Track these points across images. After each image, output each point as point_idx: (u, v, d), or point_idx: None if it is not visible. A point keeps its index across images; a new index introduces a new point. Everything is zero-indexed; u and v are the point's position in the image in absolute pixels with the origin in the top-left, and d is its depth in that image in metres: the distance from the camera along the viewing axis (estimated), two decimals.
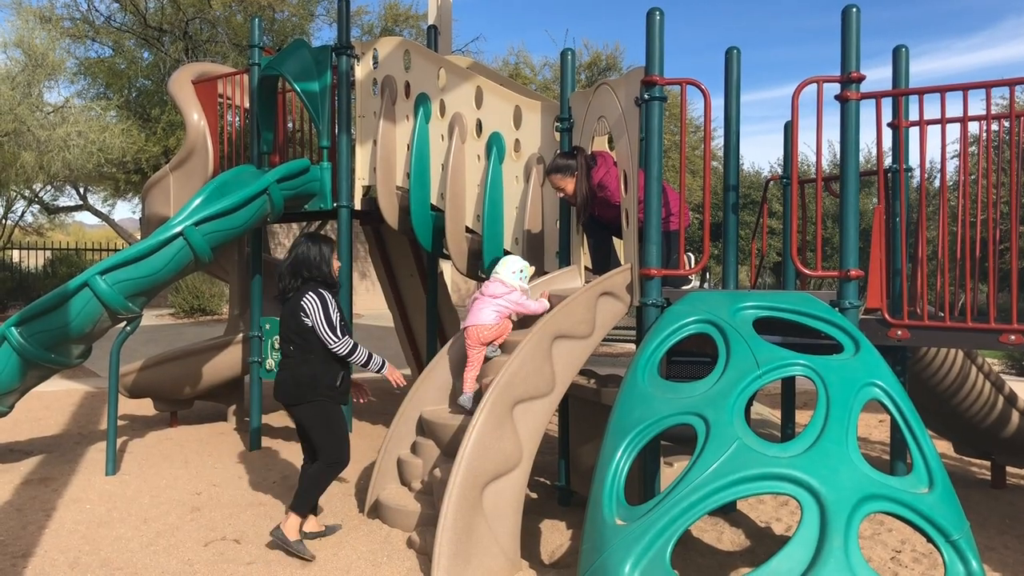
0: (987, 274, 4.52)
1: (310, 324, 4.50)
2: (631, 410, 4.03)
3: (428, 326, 7.61)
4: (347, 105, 6.61)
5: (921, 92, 4.45)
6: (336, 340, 4.50)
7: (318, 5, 18.30)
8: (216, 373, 7.96)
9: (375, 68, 6.70)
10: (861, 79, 4.37)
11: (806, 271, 4.60)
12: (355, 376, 4.91)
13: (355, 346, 4.57)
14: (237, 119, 7.73)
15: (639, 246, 4.65)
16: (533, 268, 5.20)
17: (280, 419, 8.78)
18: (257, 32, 7.13)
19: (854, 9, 4.40)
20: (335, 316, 4.54)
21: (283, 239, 20.11)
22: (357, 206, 6.74)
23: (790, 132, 6.02)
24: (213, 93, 7.67)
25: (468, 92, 6.13)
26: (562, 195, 5.26)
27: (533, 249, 5.76)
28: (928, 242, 6.85)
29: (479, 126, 6.12)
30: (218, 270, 8.81)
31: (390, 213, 6.53)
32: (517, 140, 5.93)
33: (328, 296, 4.58)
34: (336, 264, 4.76)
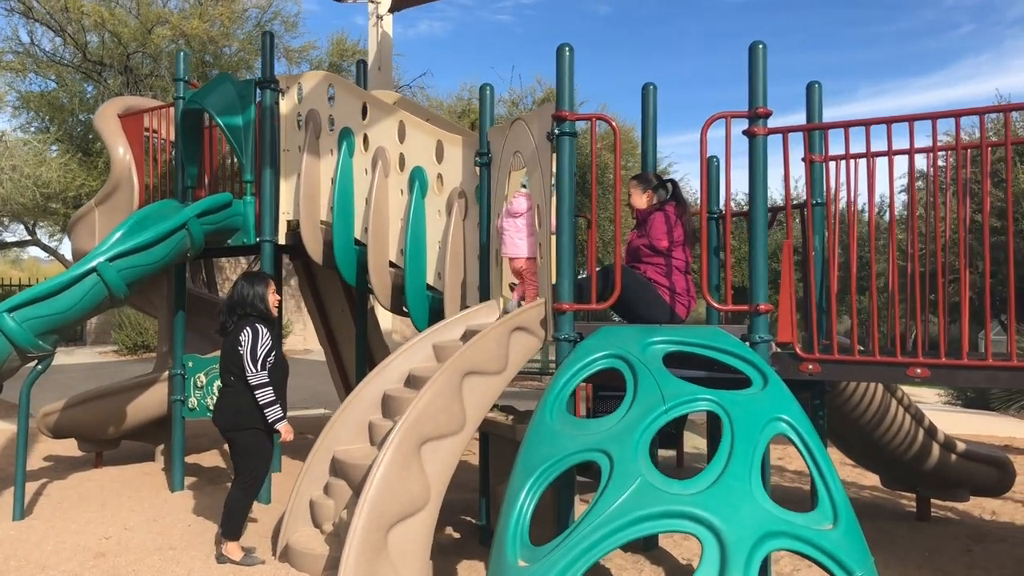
0: (916, 306, 4.56)
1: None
2: (537, 448, 3.98)
3: (358, 361, 7.50)
4: (271, 139, 6.53)
5: (826, 127, 4.50)
6: (253, 372, 4.84)
7: None
8: (142, 412, 7.76)
9: (299, 102, 6.64)
10: (767, 115, 4.41)
11: (716, 305, 4.59)
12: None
13: (266, 385, 4.87)
14: (164, 153, 7.61)
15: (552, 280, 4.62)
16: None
17: (210, 459, 8.58)
18: (181, 65, 7.05)
19: (760, 46, 4.45)
20: (262, 351, 4.87)
21: (230, 274, 19.86)
22: (281, 240, 6.63)
23: (716, 168, 6.06)
24: (139, 127, 7.55)
25: (391, 126, 6.09)
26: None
27: (455, 284, 5.70)
28: (846, 275, 6.93)
29: (402, 160, 6.08)
30: (146, 305, 8.62)
31: (314, 248, 6.44)
32: (439, 174, 5.90)
33: (263, 330, 4.94)
34: (274, 299, 5.20)
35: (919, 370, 4.23)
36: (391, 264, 6.14)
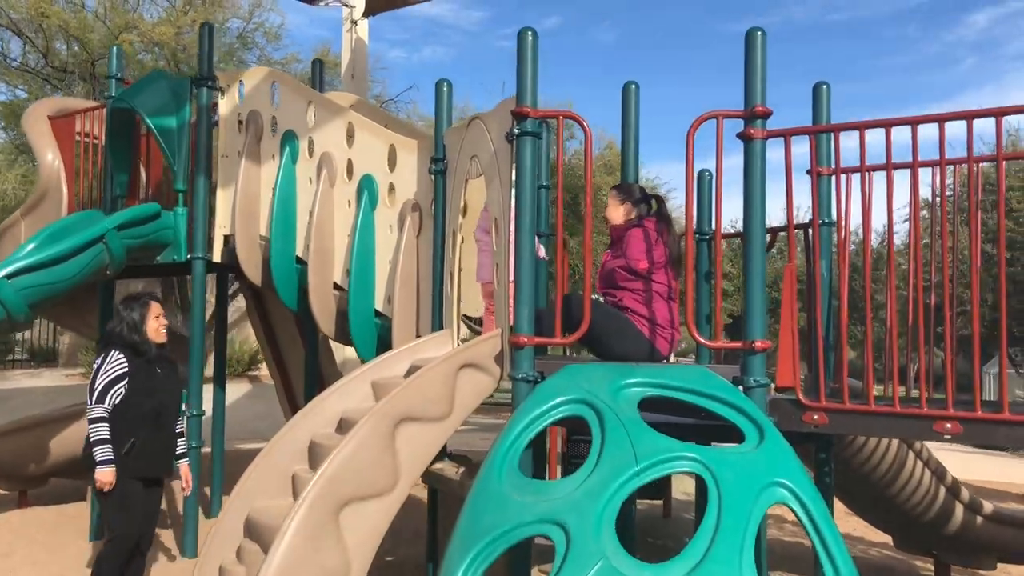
0: (931, 343, 3.80)
1: None
2: (482, 515, 3.21)
3: (306, 395, 6.70)
4: (206, 142, 5.79)
5: (837, 129, 3.76)
6: (90, 403, 4.33)
7: (247, 53, 17.62)
8: (67, 446, 6.95)
9: (241, 102, 5.91)
10: (767, 115, 3.68)
11: (703, 342, 3.82)
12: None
13: (100, 420, 4.31)
14: (98, 158, 6.87)
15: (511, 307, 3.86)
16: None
17: None
18: (115, 61, 6.34)
19: (759, 32, 3.73)
20: (103, 381, 4.33)
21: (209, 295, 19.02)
22: (216, 258, 5.88)
23: (708, 183, 5.33)
24: (71, 130, 6.82)
25: (339, 129, 5.36)
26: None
27: (406, 310, 4.94)
28: (857, 309, 6.20)
29: (350, 167, 5.33)
30: (82, 326, 7.84)
31: (251, 266, 5.68)
32: (391, 184, 5.16)
33: (113, 358, 4.38)
34: (156, 325, 4.50)
35: (949, 425, 3.47)
36: (336, 286, 5.37)
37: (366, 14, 10.37)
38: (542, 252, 4.70)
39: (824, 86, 4.60)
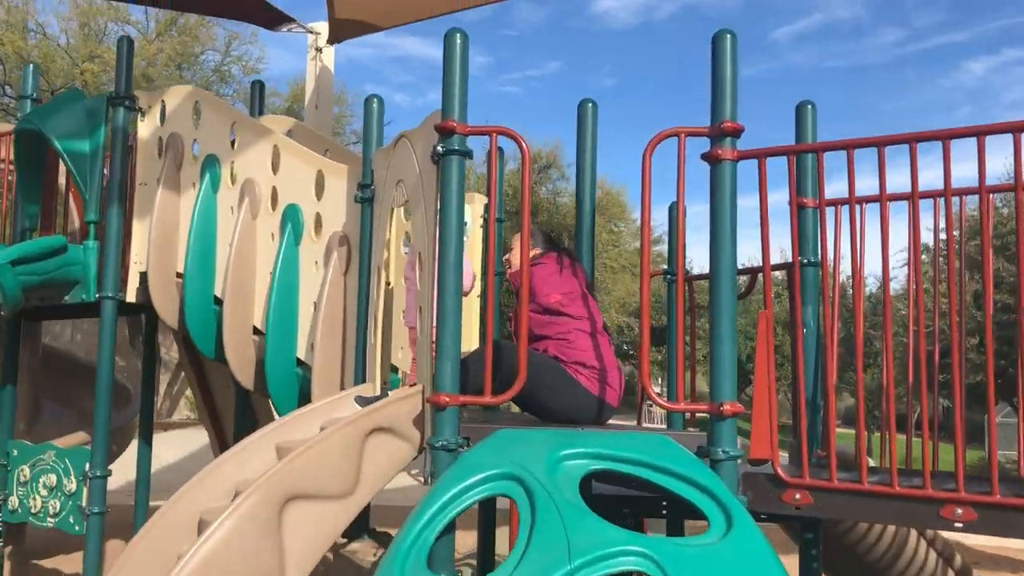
0: (935, 399, 3.16)
1: None
2: None
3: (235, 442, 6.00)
4: (121, 168, 5.16)
5: (821, 149, 3.14)
6: None
7: (224, 86, 17.17)
8: None
9: (162, 124, 5.31)
10: (738, 131, 3.08)
11: (661, 403, 3.17)
12: None
13: None
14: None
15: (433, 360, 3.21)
16: None
17: (62, 563, 7.04)
18: (31, 80, 5.75)
19: (728, 36, 3.14)
20: None
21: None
22: (130, 297, 5.22)
23: (673, 214, 4.73)
24: None
25: (263, 153, 4.75)
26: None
27: (328, 359, 4.29)
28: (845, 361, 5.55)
29: (275, 196, 4.72)
30: None
31: (167, 307, 5.03)
32: (318, 214, 4.54)
33: None
34: None
35: (960, 510, 2.82)
36: (256, 330, 4.73)
37: (331, 41, 9.81)
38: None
39: (809, 106, 4.00)
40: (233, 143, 4.93)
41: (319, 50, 10.09)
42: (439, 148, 3.19)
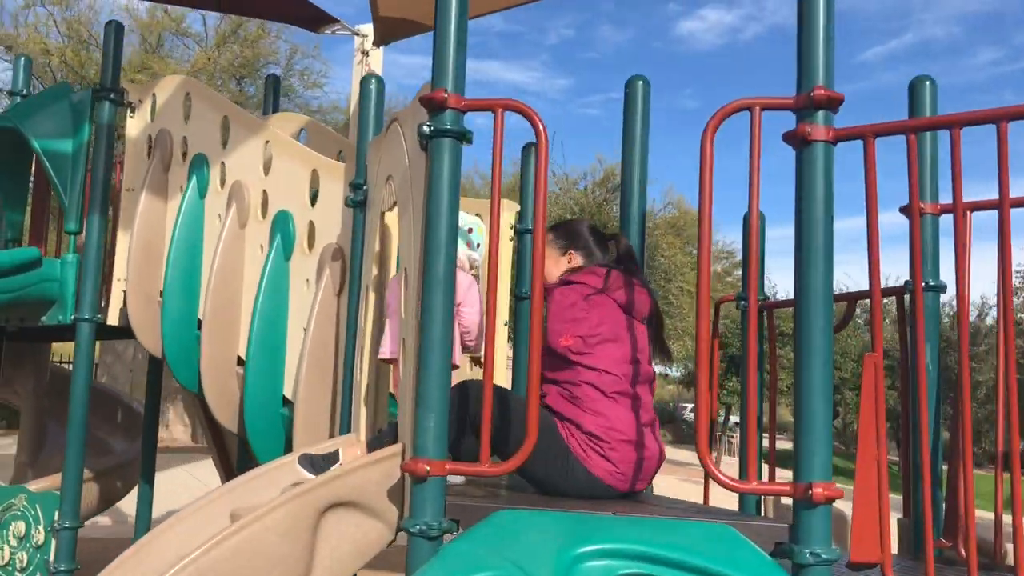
0: None
1: None
2: None
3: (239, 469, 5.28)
4: (105, 170, 4.50)
5: (960, 122, 2.22)
6: None
7: (286, 100, 16.78)
8: None
9: (153, 121, 4.64)
10: (835, 102, 2.20)
11: (727, 481, 2.25)
12: None
13: None
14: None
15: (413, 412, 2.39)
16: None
17: None
18: (21, 75, 5.18)
19: None
20: None
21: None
22: (112, 320, 4.54)
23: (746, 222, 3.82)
24: None
25: (255, 151, 4.03)
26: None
27: (315, 398, 3.51)
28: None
29: (265, 201, 3.99)
30: (9, 395, 6.58)
31: (147, 331, 4.32)
32: (311, 223, 3.78)
33: None
34: None
35: None
36: (240, 360, 3.98)
37: (377, 43, 9.18)
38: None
39: (927, 82, 3.08)
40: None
41: (365, 53, 9.48)
42: (426, 128, 2.38)
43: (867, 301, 2.43)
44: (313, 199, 3.78)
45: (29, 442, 6.26)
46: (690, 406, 35.59)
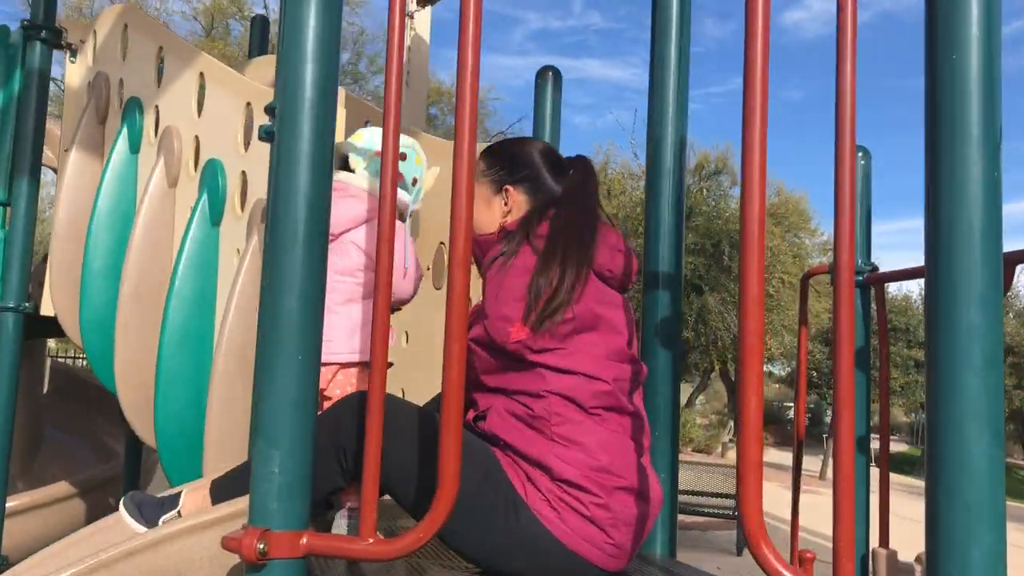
0: None
1: None
2: None
3: None
4: (36, 126, 3.69)
5: None
6: None
7: (354, 87, 16.12)
8: None
9: (94, 64, 3.80)
10: None
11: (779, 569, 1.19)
12: None
13: None
14: None
15: None
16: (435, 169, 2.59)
17: None
18: None
19: None
20: None
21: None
22: (47, 310, 3.71)
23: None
24: None
25: (188, 86, 3.12)
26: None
27: (239, 401, 2.57)
28: None
29: (198, 151, 3.08)
30: None
31: (70, 314, 3.48)
32: (244, 173, 2.85)
33: None
34: None
35: None
36: None
37: (421, 3, 8.27)
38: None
39: None
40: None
41: (410, 16, 8.59)
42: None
43: None
44: (247, 140, 2.84)
45: (23, 444, 5.58)
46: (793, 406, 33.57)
